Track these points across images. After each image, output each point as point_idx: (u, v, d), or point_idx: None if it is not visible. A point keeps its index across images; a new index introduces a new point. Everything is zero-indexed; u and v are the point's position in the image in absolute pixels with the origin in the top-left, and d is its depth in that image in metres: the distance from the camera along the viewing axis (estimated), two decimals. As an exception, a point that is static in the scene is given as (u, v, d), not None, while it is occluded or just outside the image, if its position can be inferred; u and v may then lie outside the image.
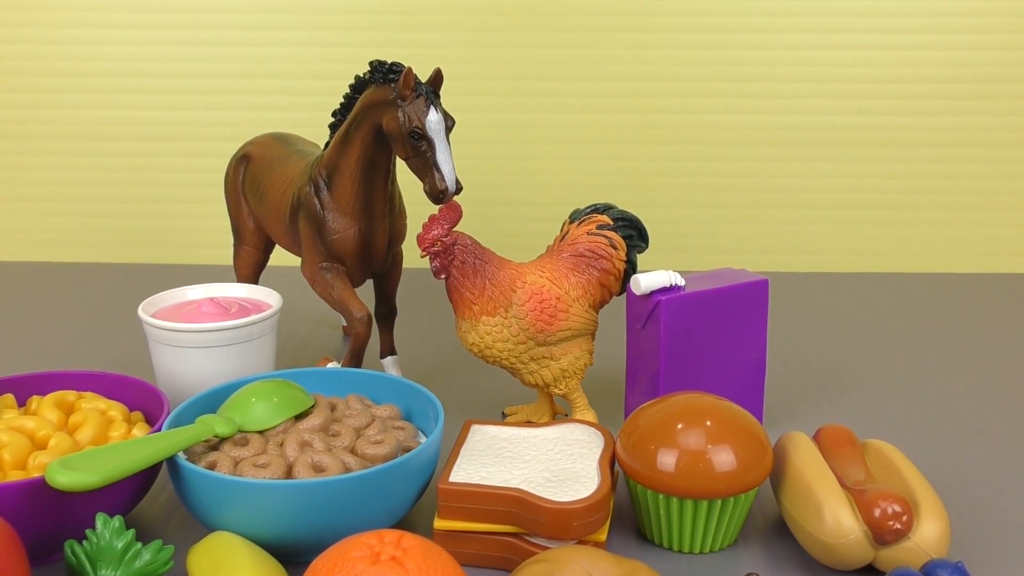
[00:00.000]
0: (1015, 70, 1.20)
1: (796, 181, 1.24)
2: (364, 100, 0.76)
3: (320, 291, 0.81)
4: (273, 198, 0.85)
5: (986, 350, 0.98)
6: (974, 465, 0.74)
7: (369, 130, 0.76)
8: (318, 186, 0.79)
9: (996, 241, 1.25)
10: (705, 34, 1.20)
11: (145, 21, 1.22)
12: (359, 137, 0.76)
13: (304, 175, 0.82)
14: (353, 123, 0.76)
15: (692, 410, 0.62)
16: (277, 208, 0.84)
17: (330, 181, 0.79)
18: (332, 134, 0.81)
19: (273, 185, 0.85)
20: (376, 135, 0.76)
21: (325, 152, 0.80)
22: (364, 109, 0.75)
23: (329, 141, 0.80)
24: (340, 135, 0.78)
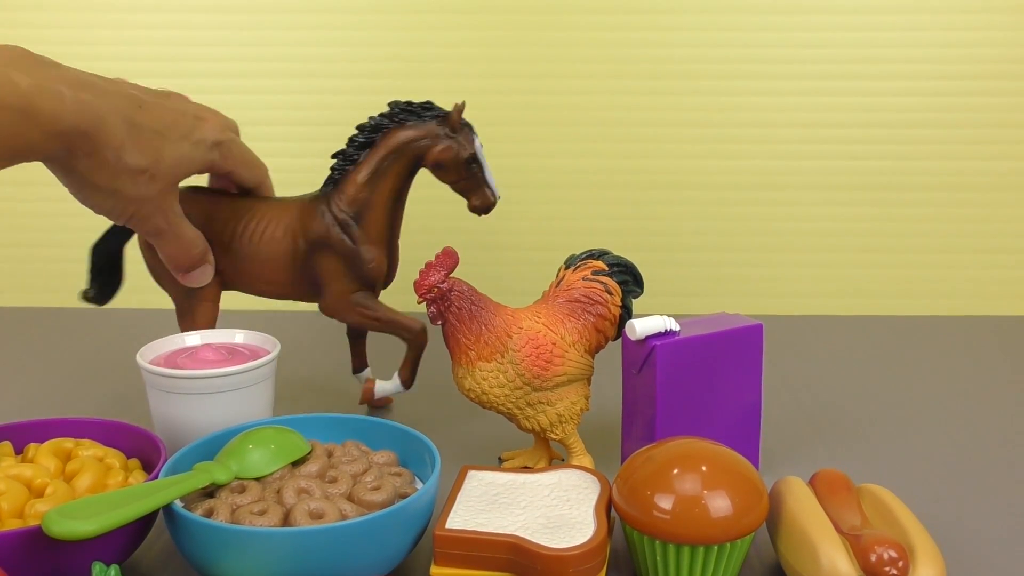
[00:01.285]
0: (1008, 115, 1.22)
1: (790, 225, 1.25)
2: (401, 138, 0.82)
3: (359, 318, 0.85)
4: (265, 248, 0.84)
5: (982, 394, 0.98)
6: (970, 510, 0.74)
7: (407, 164, 0.83)
8: (345, 224, 0.83)
9: (992, 284, 1.26)
10: (698, 81, 1.22)
11: (144, 70, 1.23)
12: (395, 172, 0.83)
13: (310, 218, 0.84)
14: (387, 159, 0.83)
15: (688, 455, 0.63)
16: (272, 257, 0.84)
17: (360, 216, 0.83)
18: (340, 172, 0.84)
19: (256, 236, 0.84)
20: (411, 168, 0.84)
21: (345, 190, 0.83)
22: (402, 146, 0.82)
23: (338, 178, 0.84)
24: (370, 172, 0.83)
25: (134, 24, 1.23)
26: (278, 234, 0.84)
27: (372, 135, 0.83)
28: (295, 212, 0.84)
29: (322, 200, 0.84)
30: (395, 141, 0.82)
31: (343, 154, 0.84)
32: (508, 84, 1.23)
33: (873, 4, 1.20)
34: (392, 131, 0.82)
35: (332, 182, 0.84)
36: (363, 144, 0.83)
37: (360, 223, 0.83)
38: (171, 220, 0.79)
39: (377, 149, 0.83)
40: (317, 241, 0.83)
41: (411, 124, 0.82)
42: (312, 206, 0.84)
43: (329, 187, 0.84)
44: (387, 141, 0.82)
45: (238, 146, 0.84)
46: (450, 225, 1.27)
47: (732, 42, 1.21)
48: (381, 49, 1.22)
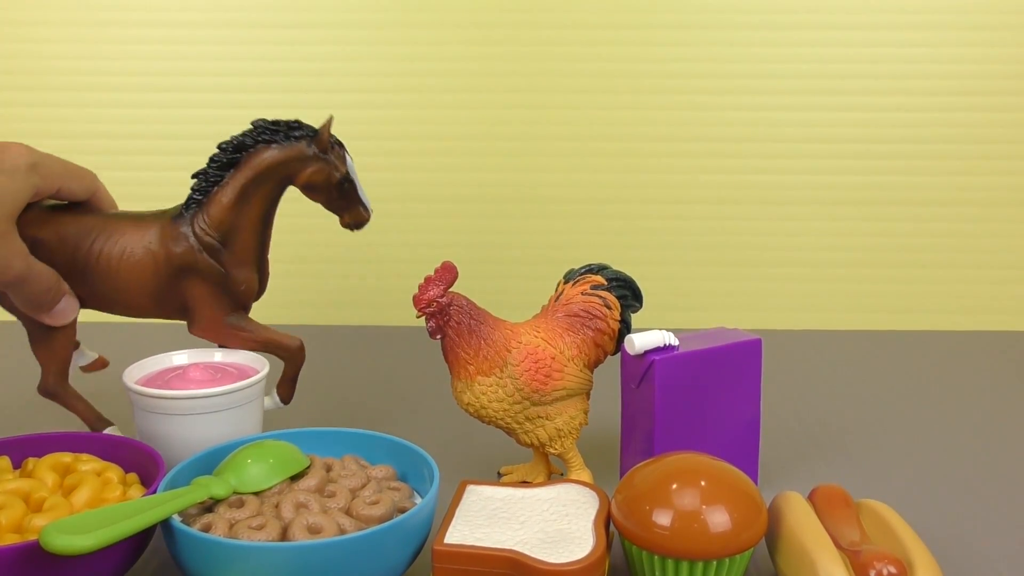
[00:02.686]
0: (1007, 131, 1.22)
1: (789, 240, 1.25)
2: (267, 159, 0.78)
3: (238, 341, 0.81)
4: (124, 270, 0.78)
5: (981, 409, 0.98)
6: (970, 526, 0.74)
7: (275, 186, 0.80)
8: (213, 249, 0.78)
9: (990, 299, 1.26)
10: (696, 96, 1.22)
11: (144, 85, 1.24)
12: (262, 194, 0.79)
13: (173, 242, 0.78)
14: (254, 182, 0.79)
15: (687, 470, 0.62)
16: (133, 280, 0.78)
17: (228, 239, 0.79)
18: (202, 193, 0.79)
19: (113, 257, 0.78)
20: (279, 190, 0.80)
21: (210, 212, 0.78)
22: (270, 168, 0.79)
23: (200, 199, 0.79)
24: (236, 194, 0.78)
25: (134, 39, 1.23)
26: (137, 254, 0.78)
27: (235, 155, 0.79)
28: (155, 232, 0.79)
29: (185, 221, 0.79)
30: (261, 163, 0.78)
31: (204, 174, 0.79)
32: (506, 100, 1.23)
33: (874, 21, 1.20)
34: (257, 151, 0.78)
35: (195, 203, 0.79)
36: (226, 164, 0.79)
37: (228, 247, 0.79)
38: (28, 261, 0.74)
39: (242, 170, 0.78)
40: (183, 266, 0.78)
41: (277, 145, 0.78)
42: (174, 227, 0.79)
43: (192, 208, 0.79)
44: (252, 162, 0.78)
45: (54, 161, 0.75)
46: (449, 239, 1.27)
47: (731, 58, 1.21)
48: (374, 64, 1.23)
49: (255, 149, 0.78)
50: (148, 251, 0.78)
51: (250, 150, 0.79)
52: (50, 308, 0.78)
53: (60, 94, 1.24)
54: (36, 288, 0.75)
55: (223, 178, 0.79)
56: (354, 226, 0.82)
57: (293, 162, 0.79)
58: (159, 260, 0.78)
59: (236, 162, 0.79)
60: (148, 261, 0.78)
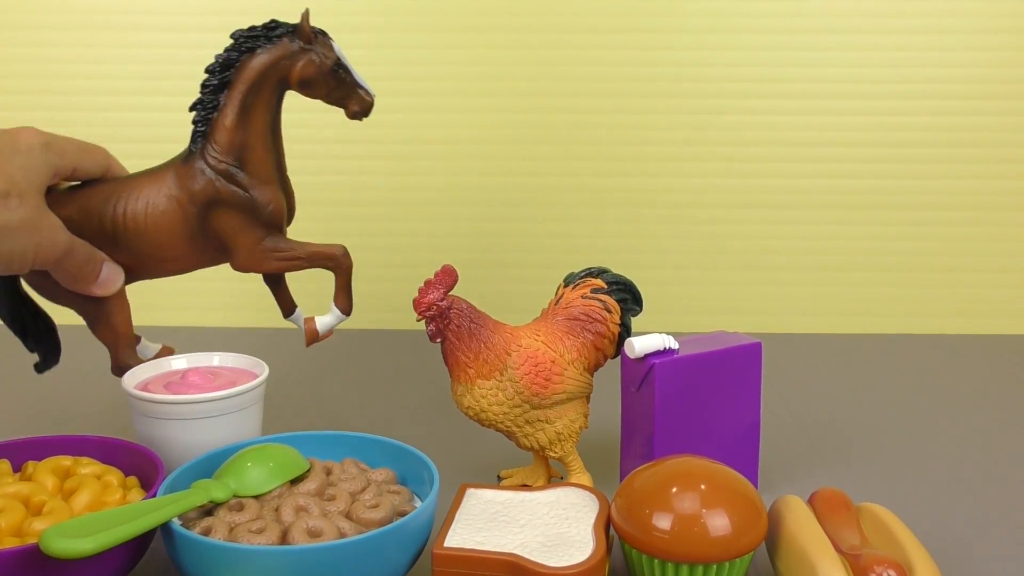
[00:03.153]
0: (1007, 135, 1.22)
1: (789, 243, 1.25)
2: (256, 66, 0.77)
3: (278, 263, 0.80)
4: (153, 224, 0.78)
5: (981, 412, 0.98)
6: (970, 529, 0.74)
7: (272, 92, 0.78)
8: (230, 174, 0.77)
9: (991, 303, 1.26)
10: (697, 100, 1.22)
11: (144, 88, 1.24)
12: (263, 103, 0.78)
13: (191, 179, 0.77)
14: (250, 93, 0.77)
15: (687, 474, 0.62)
16: (164, 231, 0.78)
17: (243, 160, 0.78)
18: (204, 123, 0.78)
19: (139, 214, 0.77)
20: (278, 94, 0.79)
21: (217, 139, 0.77)
22: (261, 74, 0.77)
23: (204, 129, 0.78)
24: (236, 112, 0.77)
25: (134, 42, 1.23)
26: (161, 204, 0.77)
27: (224, 73, 0.77)
28: (171, 178, 0.78)
29: (196, 157, 0.78)
30: (251, 72, 0.77)
31: (201, 103, 0.78)
32: (507, 103, 1.23)
33: (873, 26, 1.20)
34: (244, 63, 0.77)
35: (199, 135, 0.78)
36: (219, 86, 0.77)
37: (245, 168, 0.77)
38: (67, 233, 0.74)
39: (235, 86, 0.77)
40: (207, 202, 0.77)
41: (262, 49, 0.77)
42: (188, 166, 0.78)
43: (199, 141, 0.78)
44: (243, 75, 0.77)
45: (66, 140, 0.76)
46: (449, 243, 1.27)
47: (731, 62, 1.21)
48: (379, 68, 1.23)
49: (242, 61, 0.77)
50: (170, 197, 0.77)
51: (237, 64, 0.77)
52: (96, 277, 0.77)
53: (60, 97, 1.25)
54: (78, 259, 0.75)
55: (219, 101, 0.77)
56: (361, 113, 0.80)
57: (282, 61, 0.77)
58: (183, 203, 0.77)
59: (228, 81, 0.77)
60: (173, 207, 0.77)
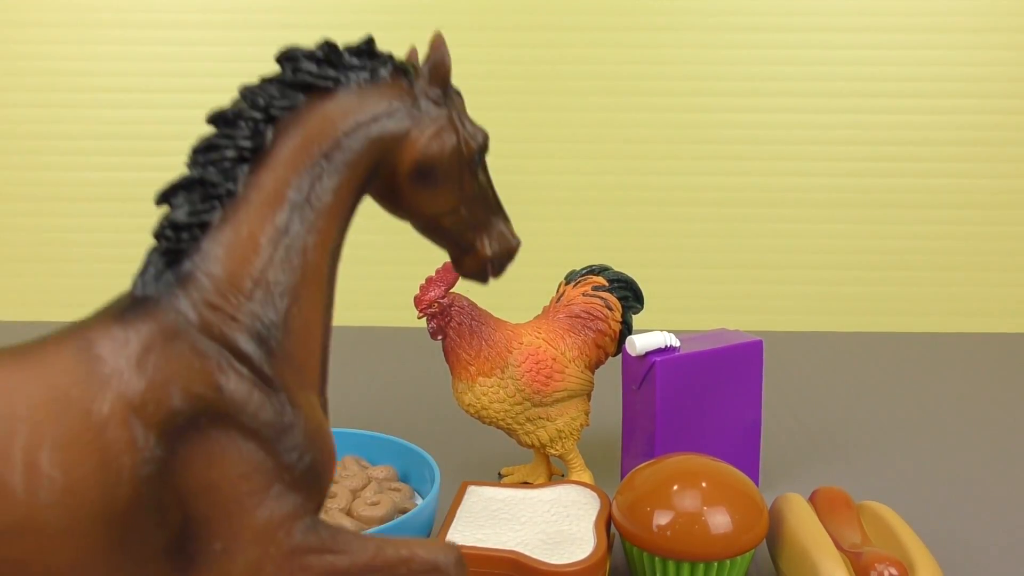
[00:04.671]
0: (1009, 133, 1.22)
1: (790, 242, 1.25)
2: (335, 123, 0.40)
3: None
4: (21, 502, 0.36)
5: (982, 411, 0.98)
6: (970, 527, 0.74)
7: (357, 180, 0.41)
8: (243, 352, 0.38)
9: (991, 301, 1.26)
10: (699, 98, 1.22)
11: (145, 85, 1.24)
12: (336, 199, 0.41)
13: (127, 359, 0.37)
14: (312, 175, 0.40)
15: (688, 472, 0.62)
16: (51, 514, 0.36)
17: (281, 321, 0.39)
18: (196, 224, 0.39)
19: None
20: (363, 187, 0.42)
21: (223, 263, 0.39)
22: (347, 137, 0.41)
23: (191, 240, 0.39)
24: (277, 210, 0.40)
25: (134, 40, 1.23)
26: (53, 432, 0.35)
27: (256, 130, 0.40)
28: (80, 363, 0.36)
29: (161, 300, 0.38)
30: (321, 131, 0.40)
31: (194, 184, 0.39)
32: (509, 101, 1.23)
33: (873, 25, 1.20)
34: (304, 111, 0.40)
35: (173, 249, 0.39)
36: (239, 155, 0.40)
37: (278, 339, 0.39)
38: None
39: (278, 158, 0.40)
40: (186, 419, 0.37)
41: (347, 89, 0.41)
42: (136, 324, 0.37)
43: (174, 266, 0.39)
44: (301, 136, 0.40)
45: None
46: (450, 240, 1.27)
47: (734, 61, 1.21)
48: (383, 65, 1.23)
49: (298, 108, 0.40)
50: (81, 416, 0.36)
51: (289, 112, 0.40)
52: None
53: (59, 95, 1.24)
54: None
55: (234, 184, 0.39)
56: (496, 262, 0.45)
57: (389, 121, 0.41)
58: (112, 428, 0.36)
59: (260, 147, 0.40)
60: (83, 442, 0.35)
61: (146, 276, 0.38)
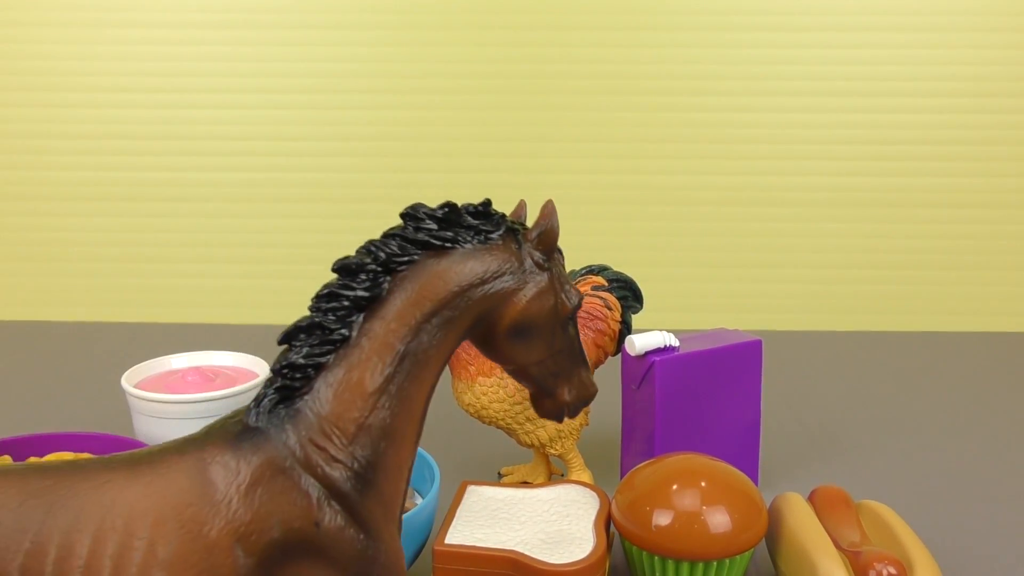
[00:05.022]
0: (1007, 132, 1.22)
1: (789, 241, 1.26)
2: (454, 282, 0.44)
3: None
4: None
5: (981, 410, 0.98)
6: (969, 527, 0.74)
7: (459, 333, 0.45)
8: (346, 491, 0.42)
9: (991, 300, 1.26)
10: (698, 97, 1.22)
11: (143, 85, 1.24)
12: (438, 351, 0.44)
13: (249, 496, 0.40)
14: (423, 329, 0.43)
15: (687, 471, 0.63)
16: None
17: (375, 461, 0.42)
18: (311, 367, 0.42)
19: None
20: (460, 340, 0.45)
21: (332, 406, 0.42)
22: (460, 296, 0.44)
23: (303, 380, 0.42)
24: (389, 362, 0.43)
25: (134, 40, 1.23)
26: (174, 548, 0.38)
27: (376, 281, 0.43)
28: (195, 483, 0.39)
29: (273, 436, 0.41)
30: (438, 289, 0.44)
31: (308, 331, 0.43)
32: (509, 101, 1.23)
33: (874, 24, 1.20)
34: (419, 268, 0.44)
35: (288, 390, 0.42)
36: (355, 304, 0.43)
37: (373, 477, 0.42)
38: None
39: (391, 311, 0.43)
40: (289, 545, 0.40)
41: (464, 251, 0.44)
42: (247, 454, 0.40)
43: (289, 403, 0.42)
44: (417, 292, 0.43)
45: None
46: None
47: (733, 60, 1.21)
48: (379, 67, 1.23)
49: (416, 264, 0.44)
50: (195, 536, 0.39)
51: (405, 267, 0.44)
52: None
53: (59, 94, 1.24)
54: None
55: (349, 331, 0.43)
56: (574, 409, 0.48)
57: (498, 282, 0.44)
58: (221, 551, 0.39)
59: (377, 297, 0.43)
60: (197, 561, 0.39)
61: (260, 407, 0.42)
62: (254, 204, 1.25)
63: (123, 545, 0.37)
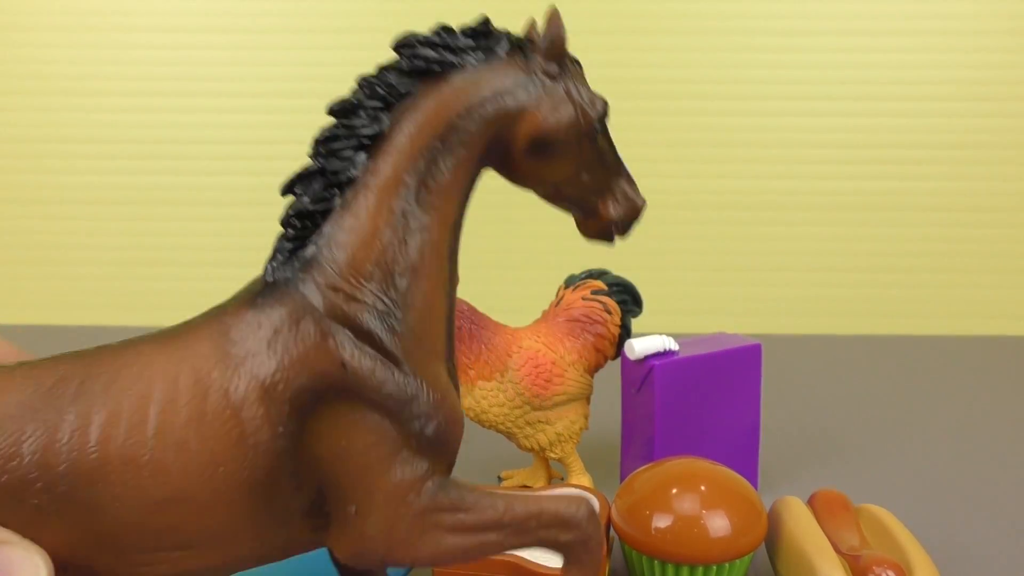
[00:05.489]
0: (1006, 136, 1.22)
1: (789, 245, 1.26)
2: (455, 103, 0.41)
3: (452, 538, 0.41)
4: (163, 467, 0.38)
5: (981, 414, 0.98)
6: (969, 531, 0.74)
7: (474, 157, 0.42)
8: (366, 329, 0.40)
9: (990, 304, 1.26)
10: (698, 101, 1.22)
11: (145, 90, 1.24)
12: (454, 178, 0.42)
13: (258, 342, 0.39)
14: (430, 157, 0.41)
15: (687, 475, 0.63)
16: (192, 478, 0.39)
17: (399, 298, 0.41)
18: (319, 210, 0.41)
19: (134, 447, 0.38)
20: (479, 166, 0.43)
21: (348, 245, 0.40)
22: (462, 116, 0.41)
23: (311, 213, 0.41)
24: (396, 194, 0.41)
25: (136, 45, 1.23)
26: (185, 415, 0.38)
27: (377, 116, 0.41)
28: (215, 345, 0.39)
29: (293, 284, 0.40)
30: (441, 112, 0.41)
31: (318, 176, 0.41)
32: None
33: (873, 28, 1.20)
34: (424, 95, 0.41)
35: (306, 228, 0.41)
36: (359, 142, 0.41)
37: (404, 315, 0.41)
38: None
39: (399, 142, 0.41)
40: (314, 394, 0.39)
41: (465, 72, 0.41)
42: (266, 310, 0.40)
43: (303, 243, 0.41)
44: (420, 119, 0.41)
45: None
46: (450, 244, 1.27)
47: (732, 64, 1.21)
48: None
49: (419, 91, 0.41)
50: (215, 393, 0.38)
51: (406, 97, 0.41)
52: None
53: (57, 98, 1.25)
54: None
55: (353, 170, 0.41)
56: (620, 224, 0.45)
57: (506, 98, 0.41)
58: (247, 405, 0.38)
59: (381, 133, 0.41)
60: (221, 418, 0.38)
61: (275, 262, 0.41)
62: (254, 208, 1.26)
63: (165, 414, 0.37)
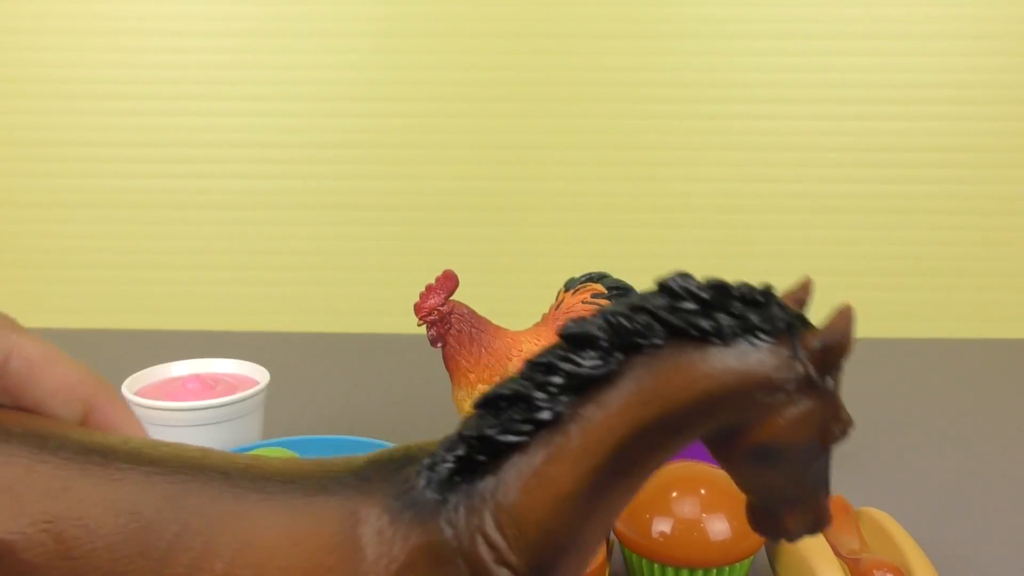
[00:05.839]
0: (1008, 139, 1.22)
1: (788, 247, 1.26)
2: (707, 379, 0.33)
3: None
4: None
5: (982, 417, 0.98)
6: (969, 535, 0.74)
7: (680, 440, 0.35)
8: None
9: (990, 307, 1.26)
10: (697, 104, 1.23)
11: (144, 92, 1.24)
12: (648, 458, 0.34)
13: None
14: (643, 432, 0.34)
15: (687, 478, 0.63)
16: None
17: (548, 568, 0.35)
18: (476, 458, 0.34)
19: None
20: (675, 447, 0.36)
21: (515, 503, 0.34)
22: (708, 400, 0.33)
23: (475, 462, 0.34)
24: (592, 467, 0.34)
25: (135, 48, 1.23)
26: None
27: (606, 358, 0.34)
28: (338, 550, 0.34)
29: (444, 519, 0.34)
30: (676, 385, 0.33)
31: (524, 402, 0.34)
32: (507, 108, 1.23)
33: (873, 30, 1.21)
34: (669, 351, 0.34)
35: (471, 463, 0.34)
36: (570, 384, 0.34)
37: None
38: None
39: (620, 403, 0.34)
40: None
41: (720, 346, 0.33)
42: (418, 534, 0.34)
43: (469, 479, 0.34)
44: (658, 379, 0.34)
45: (33, 346, 0.37)
46: (450, 248, 1.27)
47: (731, 66, 1.22)
48: (378, 72, 1.23)
49: (658, 348, 0.34)
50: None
51: (645, 350, 0.34)
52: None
53: (59, 102, 1.25)
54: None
55: (558, 413, 0.34)
56: (795, 535, 0.37)
57: (763, 393, 0.33)
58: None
59: (597, 378, 0.34)
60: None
61: (438, 472, 0.34)
62: (254, 211, 1.26)
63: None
